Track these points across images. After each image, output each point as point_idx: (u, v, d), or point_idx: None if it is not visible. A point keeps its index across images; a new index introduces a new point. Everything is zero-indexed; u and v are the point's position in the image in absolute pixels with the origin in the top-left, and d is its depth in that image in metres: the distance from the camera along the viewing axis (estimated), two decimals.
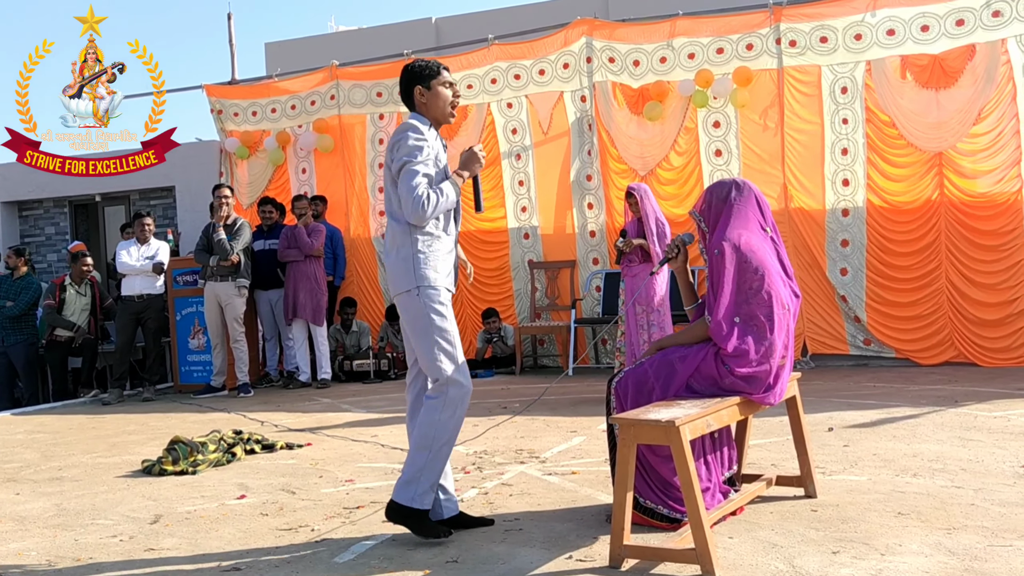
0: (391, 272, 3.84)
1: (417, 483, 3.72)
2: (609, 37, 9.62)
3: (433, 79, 3.87)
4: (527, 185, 10.16)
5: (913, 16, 8.55)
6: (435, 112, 3.88)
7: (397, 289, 3.80)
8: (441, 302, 3.77)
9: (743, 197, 3.86)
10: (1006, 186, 8.35)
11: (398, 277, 3.78)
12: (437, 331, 3.74)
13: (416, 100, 3.89)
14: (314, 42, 14.39)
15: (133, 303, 9.41)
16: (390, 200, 3.85)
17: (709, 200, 3.92)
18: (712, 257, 3.77)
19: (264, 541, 3.95)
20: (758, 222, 3.85)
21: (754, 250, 3.74)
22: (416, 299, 3.74)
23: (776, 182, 9.09)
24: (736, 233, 3.76)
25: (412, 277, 3.73)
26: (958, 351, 8.57)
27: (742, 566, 3.30)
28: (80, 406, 9.15)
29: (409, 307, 3.76)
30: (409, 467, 3.75)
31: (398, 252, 3.78)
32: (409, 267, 3.74)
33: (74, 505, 4.77)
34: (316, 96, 10.95)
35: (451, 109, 3.92)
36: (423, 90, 3.86)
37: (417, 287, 3.73)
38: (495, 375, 9.66)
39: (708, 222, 3.90)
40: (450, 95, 3.90)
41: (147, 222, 9.62)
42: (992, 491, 4.11)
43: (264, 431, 6.60)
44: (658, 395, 3.73)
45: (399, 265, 3.77)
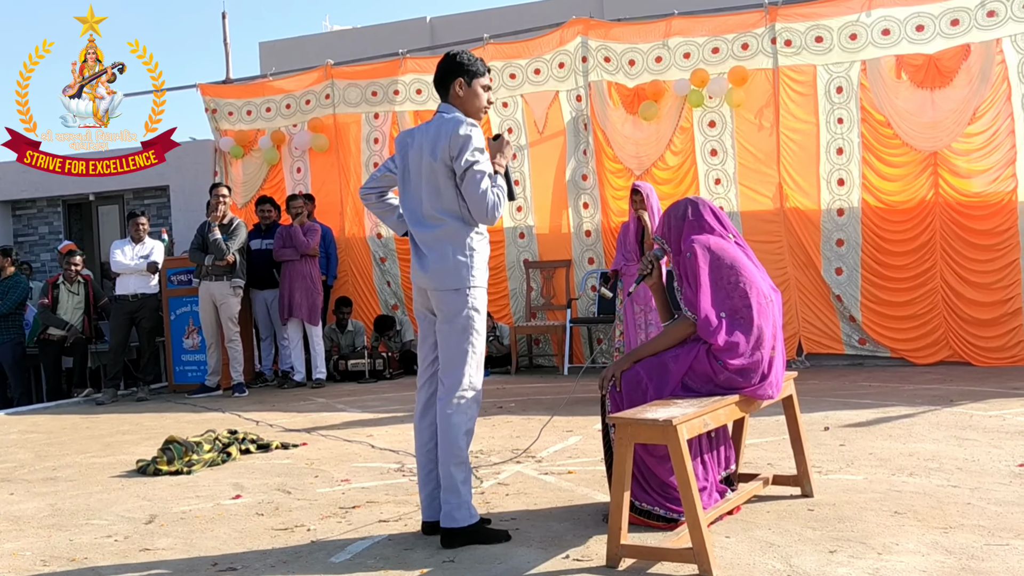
0: (439, 269, 3.73)
1: (466, 499, 3.69)
2: (605, 37, 9.62)
3: (476, 77, 3.81)
4: (523, 184, 10.15)
5: (908, 16, 8.56)
6: (470, 109, 3.81)
7: (445, 286, 3.72)
8: (483, 303, 3.79)
9: (698, 212, 3.94)
10: (1000, 186, 8.37)
11: (448, 274, 3.71)
12: (475, 332, 3.74)
13: (452, 91, 3.80)
14: (308, 41, 14.40)
15: (127, 302, 9.38)
16: (439, 195, 3.73)
17: (668, 222, 4.00)
18: (684, 260, 3.83)
19: (260, 541, 3.94)
20: (719, 232, 3.92)
21: (723, 248, 3.84)
22: (464, 298, 3.71)
23: (771, 182, 9.10)
24: (703, 236, 3.86)
25: (465, 276, 3.71)
26: (953, 350, 8.58)
27: (739, 565, 3.29)
28: (74, 406, 9.12)
29: (454, 305, 3.71)
30: (452, 488, 3.68)
31: (452, 250, 3.71)
32: (462, 265, 3.70)
33: (68, 505, 4.76)
34: (311, 95, 10.93)
35: (482, 114, 3.89)
36: (464, 84, 3.79)
37: (469, 287, 3.71)
38: (490, 374, 9.65)
39: (671, 242, 3.98)
40: (486, 99, 3.86)
41: (141, 221, 9.59)
42: (988, 490, 4.12)
43: (259, 431, 6.58)
44: (652, 395, 3.73)
45: (451, 263, 3.70)
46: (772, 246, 9.00)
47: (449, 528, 3.68)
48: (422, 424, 3.90)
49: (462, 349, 3.72)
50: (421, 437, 3.89)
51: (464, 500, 3.68)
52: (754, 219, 9.10)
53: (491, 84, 3.92)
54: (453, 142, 3.66)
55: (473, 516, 3.70)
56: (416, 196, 3.82)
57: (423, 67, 10.33)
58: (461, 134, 3.66)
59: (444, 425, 3.70)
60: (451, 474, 3.67)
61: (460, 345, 3.72)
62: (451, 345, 3.74)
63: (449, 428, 3.69)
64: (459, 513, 3.67)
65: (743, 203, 9.22)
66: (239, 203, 11.09)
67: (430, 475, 3.84)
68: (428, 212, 3.77)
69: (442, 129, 3.72)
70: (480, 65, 3.86)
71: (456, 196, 3.72)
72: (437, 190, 3.74)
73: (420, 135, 3.81)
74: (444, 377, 3.75)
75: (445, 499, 3.70)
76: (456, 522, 3.67)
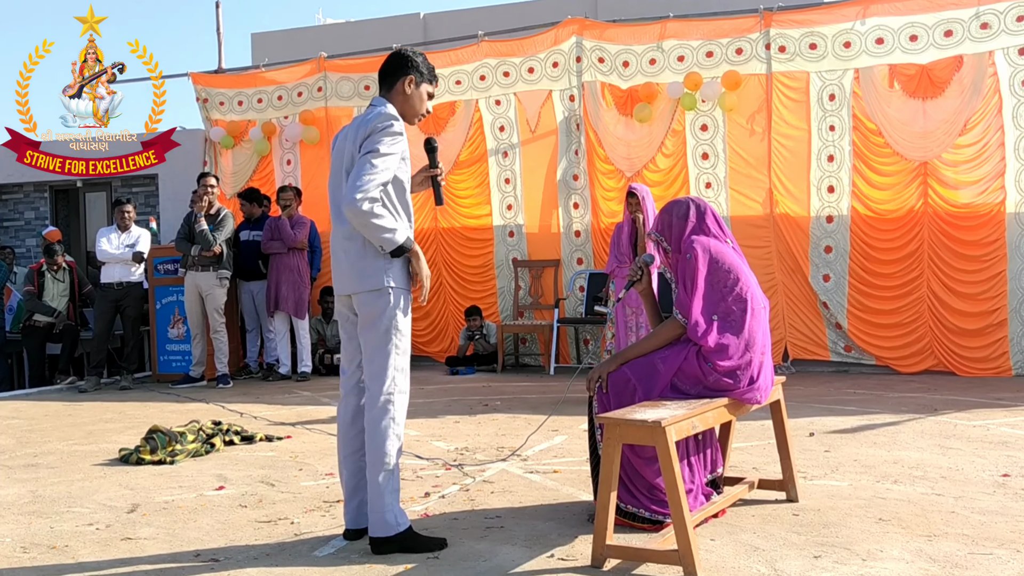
0: (352, 268, 3.60)
1: (392, 505, 3.54)
2: (599, 37, 9.61)
3: (426, 82, 3.76)
4: (513, 183, 10.14)
5: (902, 25, 8.59)
6: (409, 110, 3.73)
7: (360, 287, 3.58)
8: (407, 306, 3.63)
9: (701, 214, 3.94)
10: (989, 197, 8.40)
11: (364, 274, 3.56)
12: (398, 335, 3.58)
13: (399, 87, 3.71)
14: (301, 34, 14.32)
15: (112, 290, 9.31)
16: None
17: (669, 220, 3.96)
18: (683, 261, 3.82)
19: (243, 533, 3.91)
20: (718, 237, 3.92)
21: (723, 252, 3.84)
22: (385, 298, 3.55)
23: (762, 187, 9.12)
24: (704, 238, 3.85)
25: (383, 276, 3.55)
26: (938, 360, 8.62)
27: (724, 568, 3.29)
28: (56, 393, 9.06)
29: (375, 306, 3.56)
30: (377, 496, 3.53)
31: (367, 248, 3.55)
32: (379, 265, 3.55)
33: (50, 492, 4.72)
34: (303, 87, 10.89)
35: (417, 120, 3.81)
36: (415, 83, 3.73)
37: (390, 287, 3.56)
38: (476, 372, 9.64)
39: (671, 240, 3.94)
40: (426, 108, 3.79)
41: (127, 210, 9.52)
42: (972, 499, 4.14)
43: (243, 423, 6.54)
44: (641, 396, 3.72)
45: (365, 262, 3.56)
46: (761, 251, 9.01)
47: (379, 537, 3.55)
48: (353, 431, 3.70)
49: (385, 352, 3.56)
50: (352, 444, 3.70)
51: (392, 507, 3.54)
52: (743, 224, 9.11)
53: (434, 95, 3.84)
54: (374, 128, 3.54)
55: (401, 523, 3.56)
56: (337, 192, 3.67)
57: None
58: (382, 122, 3.54)
59: (371, 431, 3.55)
60: (379, 482, 3.53)
61: (383, 348, 3.56)
62: (373, 349, 3.58)
63: (376, 435, 3.54)
64: (385, 521, 3.53)
65: (733, 207, 9.23)
66: (228, 193, 11.02)
67: (361, 484, 3.68)
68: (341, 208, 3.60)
69: (367, 118, 3.62)
70: (433, 73, 3.81)
71: None
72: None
73: (350, 129, 3.71)
74: (369, 383, 3.60)
75: (373, 507, 3.55)
76: (387, 530, 3.53)
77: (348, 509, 3.75)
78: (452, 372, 9.57)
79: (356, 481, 3.71)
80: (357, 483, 3.70)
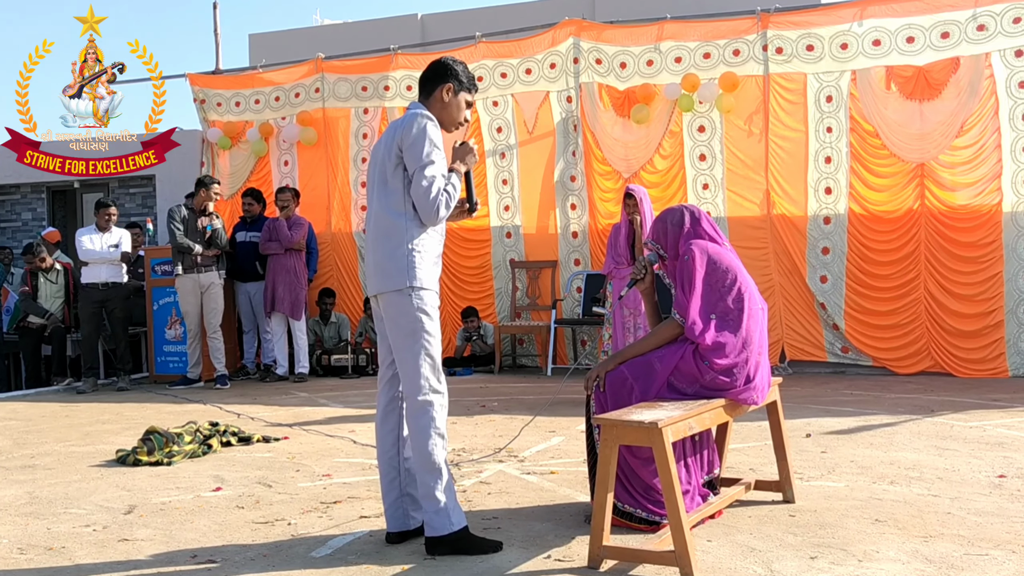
0: (377, 268, 3.63)
1: (445, 505, 3.54)
2: (597, 39, 9.62)
3: (465, 90, 3.76)
4: (511, 184, 10.15)
5: (899, 27, 8.60)
6: (447, 118, 3.74)
7: (384, 287, 3.60)
8: (433, 305, 3.64)
9: (696, 220, 3.96)
10: (986, 199, 8.41)
11: (387, 274, 3.59)
12: (425, 336, 3.59)
13: (437, 95, 3.71)
14: (298, 34, 14.31)
15: (96, 291, 9.23)
16: (387, 191, 3.63)
17: (664, 228, 3.99)
18: (681, 262, 3.84)
19: (240, 534, 3.91)
20: (715, 240, 3.95)
21: (720, 253, 3.87)
22: (407, 299, 3.57)
23: (759, 188, 9.13)
24: (701, 241, 3.88)
25: (405, 275, 3.56)
26: (934, 361, 8.63)
27: (721, 569, 3.30)
28: (53, 394, 9.05)
29: (397, 307, 3.58)
30: (425, 495, 3.55)
31: (391, 248, 3.59)
32: (402, 265, 3.56)
33: (47, 494, 4.71)
34: (301, 88, 10.88)
35: (457, 127, 3.82)
36: (453, 91, 3.72)
37: (410, 286, 3.57)
38: (473, 373, 9.64)
39: (667, 247, 3.97)
40: (464, 116, 3.80)
41: (111, 211, 9.46)
42: (968, 500, 4.14)
43: (240, 424, 6.54)
44: (638, 395, 3.73)
45: (389, 262, 3.59)
46: (758, 252, 9.02)
47: (431, 537, 3.56)
48: (384, 429, 3.75)
49: (413, 353, 3.57)
50: (384, 443, 3.75)
51: (442, 507, 3.53)
52: (741, 225, 9.12)
53: (473, 103, 3.86)
54: (406, 133, 3.58)
55: (453, 523, 3.54)
56: (371, 195, 3.74)
57: (414, 63, 10.30)
58: (415, 130, 3.58)
59: (414, 433, 3.58)
60: (425, 482, 3.55)
61: (410, 349, 3.57)
62: (401, 350, 3.60)
63: (418, 436, 3.56)
64: (438, 521, 3.54)
65: (730, 209, 9.24)
66: (225, 195, 11.01)
67: (393, 483, 3.72)
68: (376, 209, 3.68)
69: (404, 122, 3.65)
70: (473, 82, 3.82)
71: (403, 192, 3.60)
72: (385, 183, 3.64)
73: (385, 135, 3.75)
74: (404, 386, 3.63)
75: (424, 507, 3.58)
76: (436, 530, 3.54)
77: (385, 511, 3.77)
78: (449, 373, 9.55)
79: (388, 481, 3.73)
80: (389, 483, 3.73)
